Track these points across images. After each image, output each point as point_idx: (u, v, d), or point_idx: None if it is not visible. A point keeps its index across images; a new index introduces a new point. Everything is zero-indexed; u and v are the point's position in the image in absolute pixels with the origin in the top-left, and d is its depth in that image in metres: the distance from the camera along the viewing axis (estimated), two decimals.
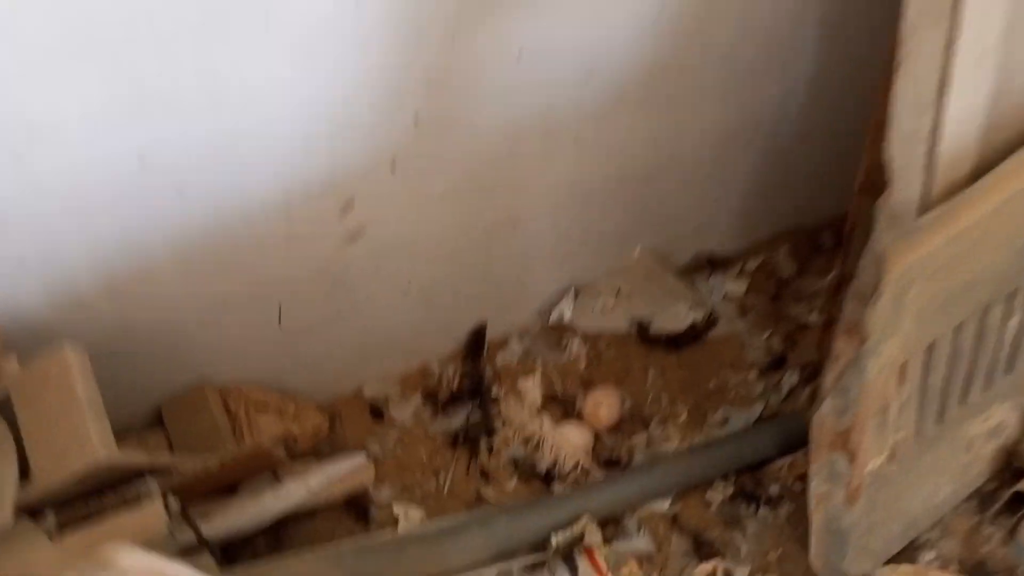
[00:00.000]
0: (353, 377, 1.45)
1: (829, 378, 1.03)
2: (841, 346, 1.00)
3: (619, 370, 1.53)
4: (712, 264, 1.63)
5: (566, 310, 1.50)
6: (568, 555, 1.26)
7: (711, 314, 1.58)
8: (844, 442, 1.08)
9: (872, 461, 1.13)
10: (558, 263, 1.47)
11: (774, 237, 1.67)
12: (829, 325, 1.46)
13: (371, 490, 1.36)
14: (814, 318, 1.55)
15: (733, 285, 1.62)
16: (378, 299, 1.33)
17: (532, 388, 1.49)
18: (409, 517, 1.34)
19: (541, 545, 1.24)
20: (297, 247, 1.13)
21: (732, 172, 1.48)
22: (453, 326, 1.47)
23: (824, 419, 1.07)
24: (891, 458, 1.18)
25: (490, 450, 1.41)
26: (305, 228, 1.11)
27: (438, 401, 1.47)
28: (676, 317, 1.58)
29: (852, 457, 1.10)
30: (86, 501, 0.97)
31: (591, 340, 1.57)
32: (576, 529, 1.24)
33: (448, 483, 1.39)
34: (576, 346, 1.55)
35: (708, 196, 1.50)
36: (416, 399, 1.47)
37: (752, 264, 1.65)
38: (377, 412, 1.47)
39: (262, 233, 1.09)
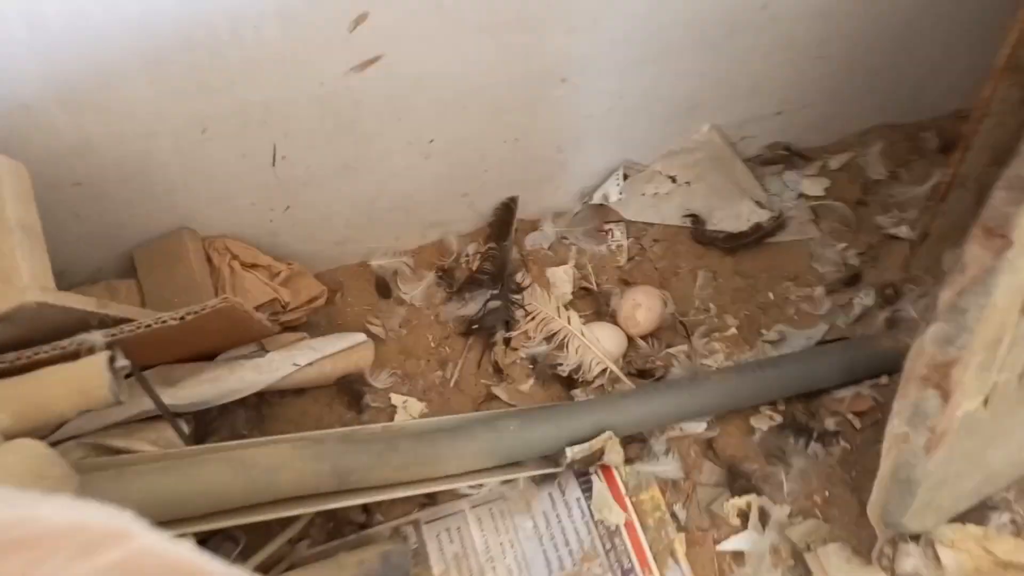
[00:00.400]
0: (358, 245, 1.26)
1: (945, 295, 0.81)
2: (974, 254, 0.77)
3: (665, 269, 1.33)
4: (789, 157, 1.39)
5: (611, 192, 1.28)
6: (583, 472, 1.10)
7: (780, 216, 1.35)
8: (942, 377, 0.87)
9: (966, 404, 0.93)
10: (609, 135, 1.24)
11: (865, 132, 1.41)
12: (923, 239, 1.23)
13: (368, 374, 1.19)
14: (903, 231, 1.31)
15: (810, 184, 1.38)
16: (393, 153, 1.11)
17: (563, 279, 1.29)
18: (408, 409, 1.18)
19: (554, 458, 1.08)
20: (294, 67, 0.91)
21: (835, 45, 1.21)
22: (479, 197, 1.26)
23: (924, 347, 0.86)
24: (985, 403, 0.97)
25: (507, 343, 1.23)
26: (304, 42, 0.89)
27: (454, 282, 1.28)
28: (738, 215, 1.35)
29: (946, 396, 0.89)
30: (17, 352, 0.80)
31: (636, 231, 1.36)
32: (596, 444, 1.06)
33: (456, 376, 1.22)
34: (618, 236, 1.34)
35: (800, 70, 1.24)
36: (429, 278, 1.29)
37: (836, 162, 1.40)
38: (383, 288, 1.28)
39: (250, 41, 0.87)
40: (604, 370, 1.19)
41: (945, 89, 1.38)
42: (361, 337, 1.19)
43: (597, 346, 1.20)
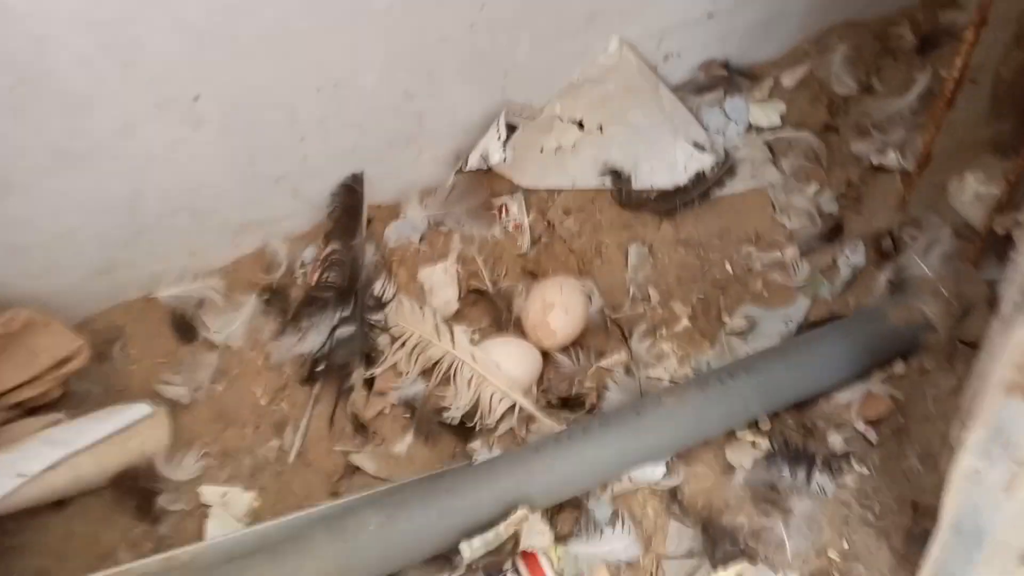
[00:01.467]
0: (134, 271, 0.86)
1: None
2: None
3: (583, 250, 0.96)
4: (729, 78, 1.03)
5: (493, 150, 0.89)
6: (494, 572, 0.73)
7: (726, 159, 1.00)
8: None
9: None
10: (476, 66, 0.86)
11: (822, 36, 1.07)
12: (922, 166, 0.89)
13: (162, 462, 0.80)
14: (891, 159, 0.98)
15: (761, 112, 1.03)
16: (137, 125, 0.71)
17: (442, 281, 0.91)
18: (230, 507, 0.79)
19: (446, 559, 0.71)
20: None
21: None
22: (302, 180, 0.87)
23: (1015, 340, 0.52)
24: None
25: (369, 386, 0.85)
26: None
27: (287, 306, 0.89)
28: (672, 164, 1.00)
29: None
30: None
31: (538, 202, 0.99)
32: (505, 529, 0.70)
33: (298, 444, 0.83)
34: (514, 212, 0.97)
35: None
36: (250, 304, 0.89)
37: (790, 78, 1.05)
38: (183, 328, 0.88)
39: None
40: (512, 407, 0.83)
41: None
42: (143, 409, 0.80)
43: (497, 374, 0.83)
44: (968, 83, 0.82)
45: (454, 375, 0.84)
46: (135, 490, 0.79)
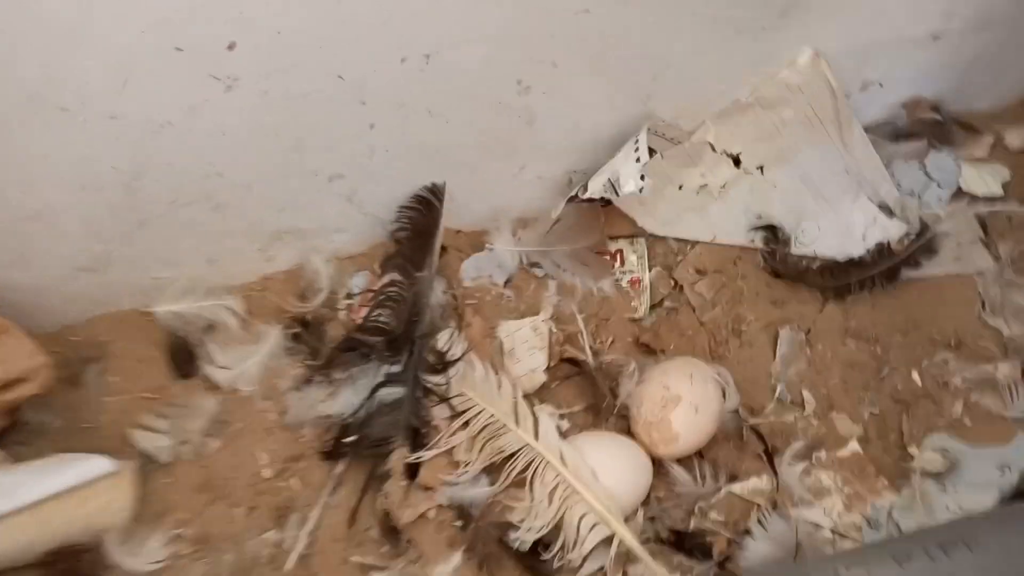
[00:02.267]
0: (132, 274, 0.65)
1: None
2: None
3: (716, 327, 0.72)
4: (940, 127, 0.78)
5: (627, 178, 0.64)
6: None
7: (924, 231, 0.74)
8: None
9: None
10: (614, 62, 0.63)
11: None
12: None
13: (113, 542, 0.57)
14: None
15: (976, 175, 0.77)
16: (144, 66, 0.50)
17: (529, 344, 0.68)
18: None
19: None
20: None
21: None
22: (364, 182, 0.65)
23: None
24: None
25: (411, 475, 0.61)
26: None
27: (319, 347, 0.67)
28: (850, 229, 0.75)
29: None
30: None
31: (665, 255, 0.75)
32: None
33: (302, 544, 0.60)
34: (632, 263, 0.74)
35: None
36: (271, 338, 0.67)
37: (1018, 138, 0.79)
38: (182, 356, 0.67)
39: None
40: (608, 538, 0.58)
41: None
42: (104, 465, 0.58)
43: (595, 487, 0.58)
44: None
45: (532, 479, 0.59)
46: (74, 568, 0.57)
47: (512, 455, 0.60)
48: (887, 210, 0.76)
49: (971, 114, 0.79)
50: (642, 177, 0.62)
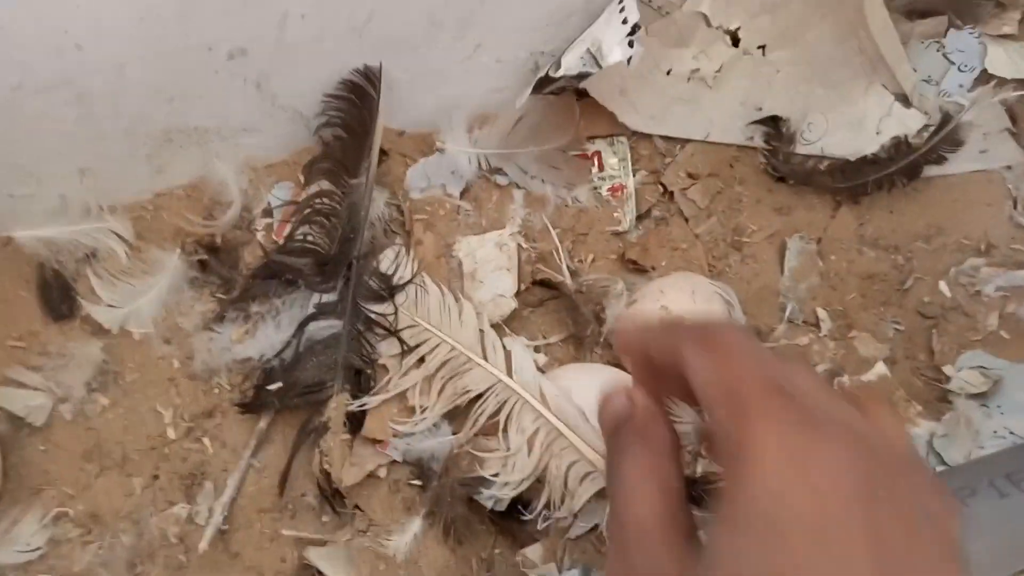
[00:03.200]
0: None
1: None
2: None
3: (714, 239, 0.61)
4: (959, 2, 0.67)
5: (610, 40, 0.51)
6: None
7: (944, 121, 0.64)
8: None
9: None
10: None
11: None
12: None
13: None
14: None
15: (1004, 55, 0.67)
16: None
17: (493, 262, 0.56)
18: None
19: None
20: None
21: None
22: (286, 64, 0.51)
23: None
24: None
25: (356, 427, 0.49)
26: None
27: (232, 277, 0.54)
28: (862, 120, 0.64)
29: None
30: None
31: (652, 154, 0.63)
32: None
33: (219, 517, 0.47)
34: (613, 165, 0.61)
35: None
36: (170, 266, 0.53)
37: None
38: (57, 293, 0.53)
39: None
40: (604, 490, 0.47)
41: None
42: None
43: (583, 429, 0.47)
44: None
45: (506, 424, 0.48)
46: None
47: (480, 396, 0.48)
48: (903, 99, 0.65)
49: None
50: (630, 44, 0.49)
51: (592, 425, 0.47)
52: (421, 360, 0.50)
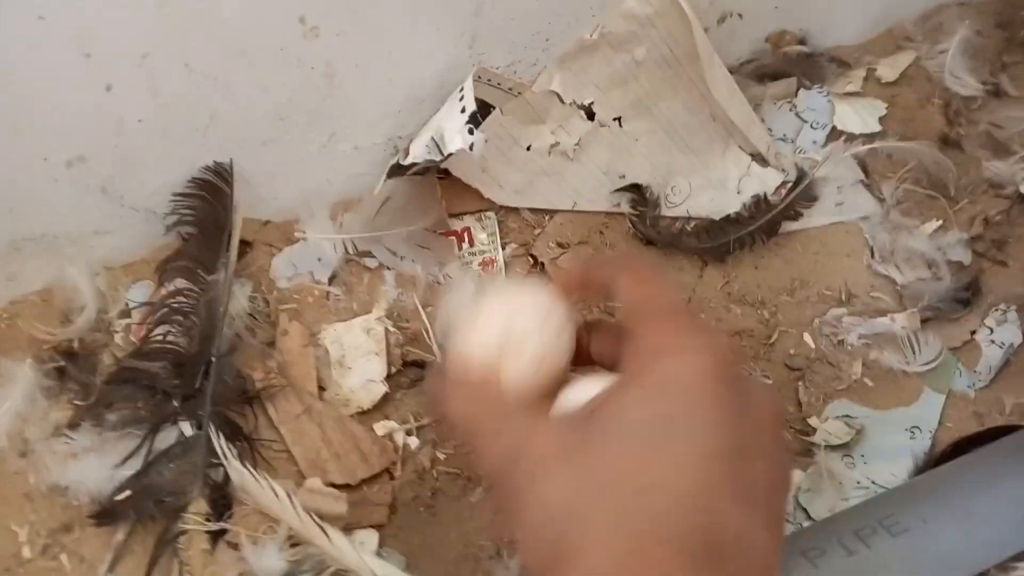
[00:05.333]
0: None
1: None
2: None
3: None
4: (809, 62, 0.71)
5: (451, 129, 0.52)
6: None
7: (800, 177, 0.67)
8: None
9: None
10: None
11: (930, 15, 0.75)
12: None
13: None
14: None
15: (851, 112, 0.70)
16: None
17: (361, 348, 0.56)
18: None
19: None
20: None
21: None
22: (129, 165, 0.51)
23: None
24: None
25: (215, 536, 0.48)
26: None
27: (89, 384, 0.52)
28: (723, 181, 0.67)
29: None
30: None
31: (520, 228, 0.64)
32: None
33: None
34: (482, 242, 0.62)
35: None
36: (22, 377, 0.52)
37: (889, 69, 0.73)
38: None
39: None
40: None
41: None
42: None
43: None
44: None
45: None
46: None
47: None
48: (760, 159, 0.68)
49: (839, 48, 0.72)
50: (470, 131, 0.51)
51: None
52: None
